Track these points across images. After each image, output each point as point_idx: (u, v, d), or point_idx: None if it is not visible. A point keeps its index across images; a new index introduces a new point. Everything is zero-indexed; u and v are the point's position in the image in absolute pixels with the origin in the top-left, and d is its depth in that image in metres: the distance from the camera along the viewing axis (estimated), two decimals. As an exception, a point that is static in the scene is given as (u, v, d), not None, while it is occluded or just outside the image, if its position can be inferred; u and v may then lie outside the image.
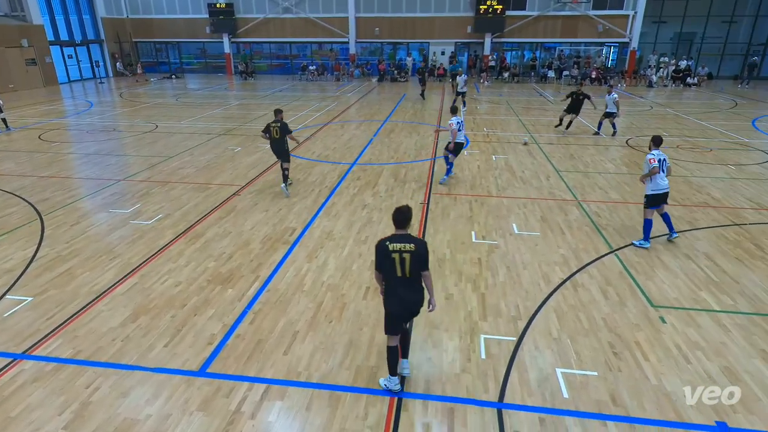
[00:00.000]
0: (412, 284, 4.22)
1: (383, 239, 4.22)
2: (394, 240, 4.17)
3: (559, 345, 5.08)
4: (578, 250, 7.20)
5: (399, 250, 4.11)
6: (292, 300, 5.93)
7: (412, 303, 4.29)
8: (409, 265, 4.12)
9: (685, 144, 13.74)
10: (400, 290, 4.22)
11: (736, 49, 30.84)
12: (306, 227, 8.09)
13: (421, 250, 4.16)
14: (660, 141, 7.35)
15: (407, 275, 4.15)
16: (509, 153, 12.78)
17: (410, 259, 4.10)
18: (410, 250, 4.11)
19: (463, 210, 8.80)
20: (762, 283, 6.29)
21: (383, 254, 4.14)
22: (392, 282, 4.22)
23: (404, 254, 4.11)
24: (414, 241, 4.18)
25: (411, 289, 4.24)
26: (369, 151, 13.07)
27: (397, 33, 31.36)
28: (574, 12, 29.12)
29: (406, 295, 4.23)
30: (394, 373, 4.44)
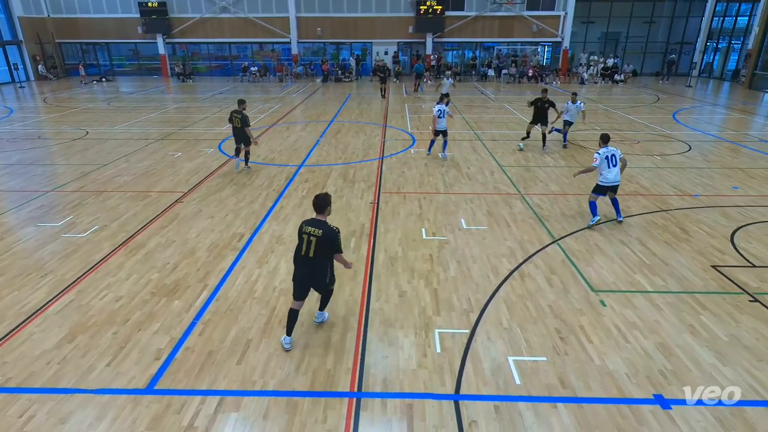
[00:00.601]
0: (312, 264, 4.83)
1: (305, 220, 4.90)
2: (309, 223, 4.81)
3: (510, 334, 5.26)
4: (523, 242, 7.49)
5: (309, 232, 4.75)
6: (244, 307, 5.77)
7: (308, 279, 4.95)
8: (313, 248, 4.74)
9: (615, 137, 14.61)
10: (301, 266, 4.90)
11: (657, 48, 33.24)
12: (255, 232, 7.90)
13: (328, 236, 4.73)
14: (607, 138, 7.98)
15: (310, 255, 4.78)
16: (455, 150, 13.07)
17: (315, 242, 4.72)
18: (317, 234, 4.72)
19: (413, 208, 8.92)
20: (688, 263, 6.81)
21: (299, 232, 4.86)
22: (297, 257, 4.90)
23: (311, 237, 4.74)
24: (323, 228, 4.75)
25: (309, 268, 4.87)
26: (316, 153, 12.95)
27: (339, 33, 31.27)
28: (510, 13, 30.24)
29: (304, 271, 4.90)
30: (290, 333, 5.02)
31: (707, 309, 5.70)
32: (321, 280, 4.96)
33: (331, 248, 4.78)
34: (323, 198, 4.87)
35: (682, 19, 32.18)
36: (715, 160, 12.10)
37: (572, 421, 4.09)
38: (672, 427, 4.03)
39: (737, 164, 11.76)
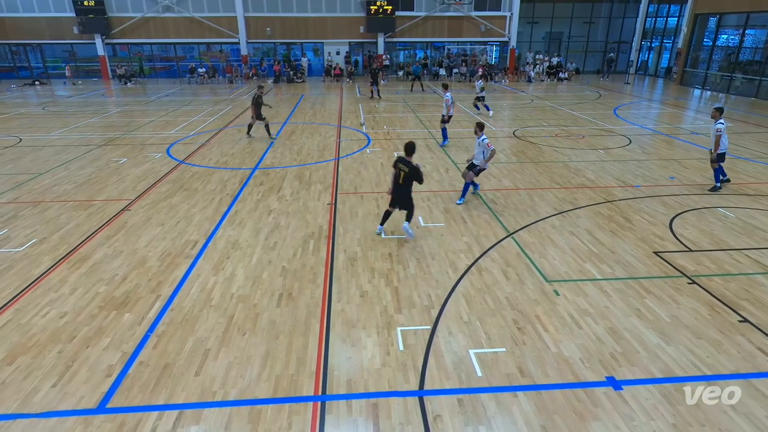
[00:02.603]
0: (402, 188, 7.25)
1: (399, 157, 7.30)
2: (401, 161, 7.20)
3: (470, 327, 5.37)
4: (480, 237, 7.67)
5: (401, 168, 7.17)
6: (200, 317, 5.59)
7: (398, 199, 7.37)
8: (402, 178, 7.16)
9: (562, 133, 15.24)
10: (396, 189, 7.33)
11: (597, 47, 34.89)
12: (209, 238, 7.66)
13: (414, 171, 7.06)
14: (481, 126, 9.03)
15: (400, 183, 7.21)
16: (410, 149, 13.18)
17: (404, 175, 7.13)
18: (405, 170, 7.10)
19: (371, 207, 8.93)
20: (632, 250, 7.20)
21: (394, 164, 7.32)
22: (395, 183, 7.32)
23: (402, 171, 7.14)
24: (410, 166, 7.09)
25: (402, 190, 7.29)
26: (270, 155, 12.71)
27: (290, 33, 30.82)
28: (458, 13, 30.85)
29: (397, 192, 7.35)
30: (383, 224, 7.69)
31: (651, 293, 6.05)
32: (407, 200, 7.34)
33: (415, 179, 7.09)
34: (412, 144, 7.19)
35: (619, 20, 33.94)
36: (653, 153, 12.85)
37: (532, 408, 4.23)
38: (624, 406, 4.25)
39: (672, 155, 12.54)
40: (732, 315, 5.57)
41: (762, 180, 10.46)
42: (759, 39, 23.67)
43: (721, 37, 25.82)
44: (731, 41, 25.24)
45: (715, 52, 25.94)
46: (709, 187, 9.90)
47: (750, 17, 23.44)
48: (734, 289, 6.11)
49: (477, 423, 4.09)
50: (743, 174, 10.88)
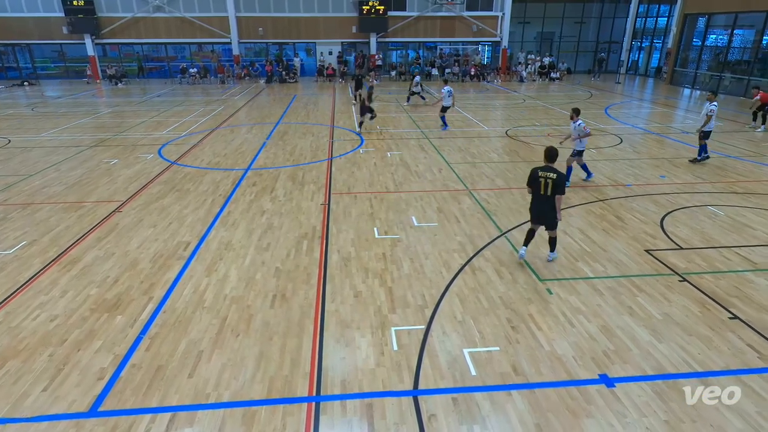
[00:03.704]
0: (548, 200, 6.25)
1: (538, 167, 6.33)
2: (544, 169, 6.25)
3: (464, 327, 5.39)
4: (473, 236, 7.69)
5: (545, 176, 6.20)
6: (193, 318, 5.56)
7: (542, 213, 6.41)
8: (551, 187, 6.17)
9: (554, 132, 15.32)
10: (540, 203, 6.35)
11: (588, 47, 35.13)
12: (201, 240, 7.62)
13: (561, 178, 6.15)
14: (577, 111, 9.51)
15: (547, 194, 6.21)
16: (403, 149, 13.21)
17: (552, 183, 6.14)
18: (552, 177, 6.15)
19: (364, 207, 8.93)
20: (624, 249, 7.25)
21: (533, 177, 6.30)
22: (536, 197, 6.35)
23: (548, 179, 6.16)
24: (557, 172, 6.19)
25: (547, 204, 6.29)
26: (263, 155, 12.67)
27: (281, 33, 30.73)
28: (450, 13, 30.91)
29: (541, 207, 6.37)
30: (526, 245, 6.72)
31: (643, 291, 6.10)
32: (552, 215, 6.34)
33: (561, 188, 6.14)
34: (555, 150, 6.39)
35: (610, 20, 34.19)
36: (644, 152, 12.95)
37: (526, 407, 4.25)
38: (617, 403, 4.28)
39: (663, 154, 12.65)
40: (722, 312, 5.63)
41: (750, 178, 10.58)
42: (747, 39, 23.95)
43: (710, 37, 26.09)
44: (720, 41, 25.52)
45: (704, 51, 26.21)
46: (700, 184, 10.01)
47: (738, 17, 23.71)
48: (724, 287, 6.18)
49: (471, 422, 4.10)
50: (732, 172, 11.00)
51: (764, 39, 22.73)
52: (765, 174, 10.90)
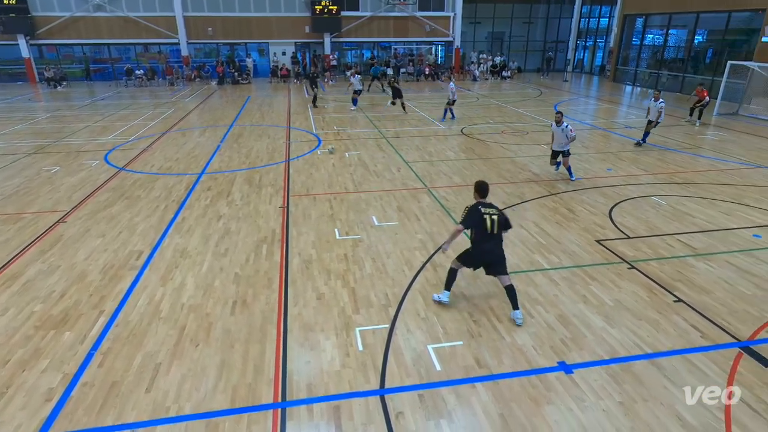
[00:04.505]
0: (497, 239, 5.42)
1: (480, 203, 5.39)
2: (485, 206, 5.38)
3: (428, 323, 5.45)
4: (433, 234, 7.79)
5: (489, 213, 5.34)
6: (149, 330, 5.34)
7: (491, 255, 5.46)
8: (497, 225, 5.34)
9: (507, 129, 15.75)
10: (487, 242, 5.39)
11: (536, 46, 36.35)
12: (155, 248, 7.33)
13: (503, 215, 5.47)
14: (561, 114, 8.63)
15: (494, 232, 5.35)
16: (361, 149, 13.20)
17: (497, 220, 5.34)
18: (497, 213, 5.38)
19: (324, 209, 8.86)
20: (576, 240, 7.55)
21: (478, 214, 5.30)
22: (483, 236, 5.37)
23: (493, 216, 5.33)
24: (496, 208, 5.45)
25: (495, 243, 5.42)
26: (217, 159, 12.33)
27: (232, 33, 30.01)
28: (403, 13, 31.17)
29: (490, 247, 5.41)
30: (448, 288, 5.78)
31: (595, 279, 6.38)
32: (502, 256, 5.49)
33: (505, 225, 5.47)
34: (486, 184, 5.54)
35: (556, 20, 35.52)
36: (592, 146, 13.54)
37: (490, 398, 4.35)
38: (575, 389, 4.45)
39: (609, 149, 13.27)
40: (668, 296, 5.97)
41: (689, 169, 11.27)
42: (681, 38, 25.50)
43: (648, 36, 27.59)
44: (657, 40, 27.03)
45: (643, 50, 27.69)
46: (643, 175, 10.57)
47: (672, 18, 25.20)
48: (669, 272, 6.55)
49: (438, 417, 4.15)
50: (672, 164, 11.68)
51: (696, 38, 24.30)
52: (701, 165, 11.64)
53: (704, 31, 24.03)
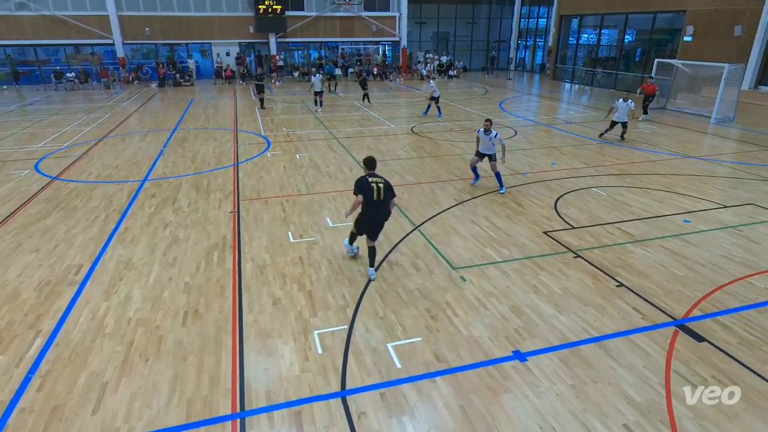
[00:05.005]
0: (383, 204, 6.13)
1: (365, 175, 6.13)
2: (371, 176, 6.11)
3: (386, 321, 5.48)
4: (388, 232, 7.83)
5: (375, 182, 6.05)
6: (93, 348, 5.04)
7: (382, 219, 6.28)
8: (383, 192, 6.05)
9: (456, 127, 16.09)
10: (376, 209, 6.12)
11: (480, 46, 37.33)
12: (96, 261, 6.92)
13: (388, 183, 6.14)
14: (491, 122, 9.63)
15: (381, 198, 6.06)
16: (312, 150, 13.07)
17: (383, 188, 6.05)
18: (382, 182, 6.08)
19: (276, 212, 8.70)
20: (525, 233, 7.84)
21: (364, 184, 6.01)
22: (370, 204, 6.06)
23: (379, 184, 6.04)
24: (382, 178, 6.14)
25: (383, 208, 6.17)
26: (161, 164, 11.82)
27: (172, 33, 28.81)
28: (349, 13, 31.11)
29: (379, 212, 6.18)
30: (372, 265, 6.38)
31: (544, 269, 6.64)
32: (386, 216, 6.28)
33: (392, 192, 6.15)
34: (373, 158, 6.29)
35: (497, 20, 36.64)
36: (536, 142, 14.09)
37: (450, 391, 4.44)
38: (530, 375, 4.62)
39: (552, 143, 13.85)
40: (611, 281, 6.32)
41: (625, 161, 11.96)
42: (613, 38, 26.99)
43: (583, 36, 29.02)
44: (591, 40, 28.48)
45: (579, 49, 29.10)
46: (584, 168, 11.12)
47: (604, 18, 26.64)
48: (610, 259, 6.93)
49: (400, 414, 4.19)
50: (609, 157, 12.36)
51: (626, 38, 25.81)
52: (636, 157, 12.39)
53: (633, 31, 25.57)
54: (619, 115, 13.63)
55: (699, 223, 8.11)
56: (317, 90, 19.16)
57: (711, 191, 9.72)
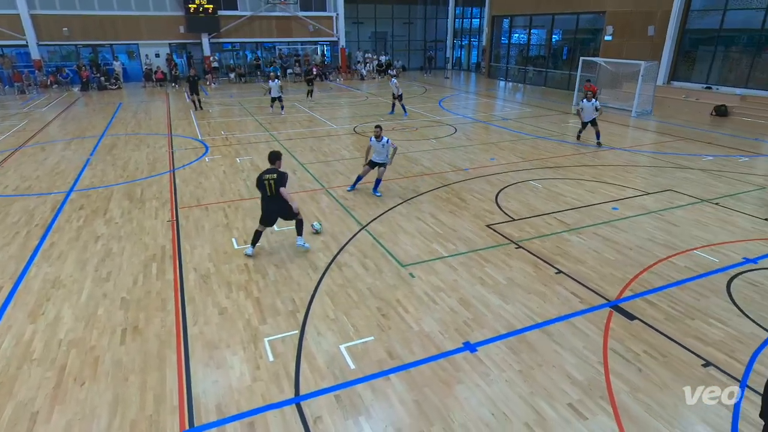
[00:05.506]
0: (276, 200, 6.57)
1: (263, 171, 6.64)
2: (266, 172, 6.57)
3: (338, 323, 5.45)
4: (335, 233, 7.79)
5: (267, 178, 6.52)
6: (19, 375, 4.63)
7: (276, 212, 6.78)
8: (273, 188, 6.50)
9: (398, 126, 16.27)
10: (269, 204, 6.67)
11: (417, 45, 37.95)
12: (18, 281, 6.37)
13: (280, 177, 6.53)
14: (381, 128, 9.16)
15: (273, 194, 6.54)
16: (252, 153, 12.74)
17: (273, 183, 6.50)
18: (273, 178, 6.52)
19: (218, 219, 8.41)
20: (469, 226, 8.07)
21: (258, 180, 6.59)
22: (264, 199, 6.68)
23: (270, 181, 6.51)
24: (276, 173, 6.56)
25: (276, 204, 6.63)
26: (89, 174, 11.07)
27: (94, 33, 27.00)
28: (285, 13, 30.59)
29: (273, 207, 6.71)
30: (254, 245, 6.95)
31: (489, 261, 6.87)
32: (286, 211, 6.67)
33: (281, 184, 6.48)
34: (272, 153, 6.74)
35: (433, 20, 37.41)
36: (475, 138, 14.53)
37: (404, 387, 4.48)
38: (480, 365, 4.76)
39: (490, 140, 14.35)
40: (550, 269, 6.64)
41: (558, 154, 12.61)
42: (541, 37, 28.35)
43: (514, 35, 30.27)
44: (522, 39, 29.76)
45: (511, 48, 30.33)
46: (521, 162, 11.62)
47: (533, 19, 27.92)
48: (549, 247, 7.28)
49: (356, 414, 4.18)
50: (544, 151, 12.98)
51: (553, 38, 27.21)
52: (566, 150, 13.09)
53: (560, 31, 27.01)
54: (586, 116, 13.31)
55: (626, 210, 8.71)
56: (275, 96, 18.09)
57: (635, 179, 10.47)
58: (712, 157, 12.21)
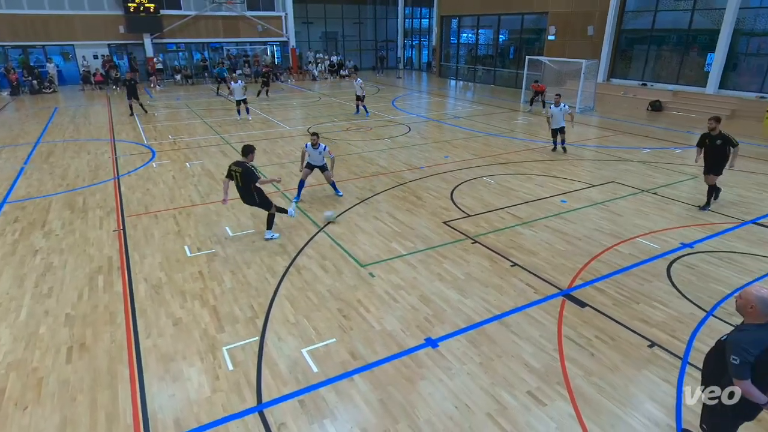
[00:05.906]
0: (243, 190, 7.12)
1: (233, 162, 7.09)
2: (235, 164, 7.01)
3: (299, 327, 5.37)
4: (292, 236, 7.68)
5: (234, 170, 7.00)
6: (-49, 405, 4.28)
7: (244, 200, 7.27)
8: (240, 179, 6.98)
9: (352, 126, 16.24)
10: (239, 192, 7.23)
11: (369, 45, 38.03)
12: (-54, 302, 5.87)
13: (246, 171, 6.92)
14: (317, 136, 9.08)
15: (240, 185, 7.04)
16: (203, 157, 12.35)
17: (239, 176, 6.97)
18: (239, 170, 6.95)
19: (169, 226, 8.09)
20: (426, 224, 8.17)
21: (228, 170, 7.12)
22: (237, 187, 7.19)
23: (236, 173, 6.98)
24: (243, 166, 6.94)
25: (242, 192, 7.17)
26: (23, 183, 10.36)
27: (24, 34, 25.28)
28: (232, 12, 29.82)
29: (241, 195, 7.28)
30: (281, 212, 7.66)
31: (447, 257, 6.99)
32: (251, 201, 7.20)
33: (250, 179, 6.91)
34: (249, 145, 7.15)
35: (384, 20, 37.60)
36: (429, 137, 14.73)
37: (368, 387, 4.49)
38: (442, 360, 4.84)
39: (444, 138, 14.59)
40: (506, 262, 6.84)
41: (509, 150, 12.99)
42: (489, 37, 29.11)
43: (463, 35, 30.91)
44: (470, 39, 30.44)
45: (461, 48, 30.96)
46: (474, 159, 11.89)
47: (480, 19, 28.62)
48: (504, 241, 7.50)
49: (321, 418, 4.14)
50: (495, 147, 13.34)
51: (500, 37, 28.00)
52: (516, 146, 13.52)
53: (506, 31, 27.83)
54: (555, 123, 12.37)
55: (573, 202, 9.10)
56: (239, 98, 16.90)
57: (581, 173, 10.95)
58: (649, 150, 12.97)
